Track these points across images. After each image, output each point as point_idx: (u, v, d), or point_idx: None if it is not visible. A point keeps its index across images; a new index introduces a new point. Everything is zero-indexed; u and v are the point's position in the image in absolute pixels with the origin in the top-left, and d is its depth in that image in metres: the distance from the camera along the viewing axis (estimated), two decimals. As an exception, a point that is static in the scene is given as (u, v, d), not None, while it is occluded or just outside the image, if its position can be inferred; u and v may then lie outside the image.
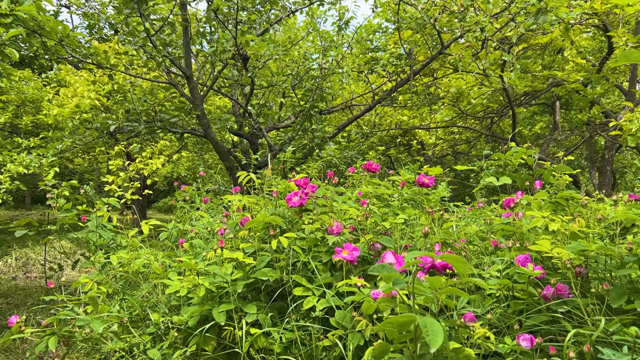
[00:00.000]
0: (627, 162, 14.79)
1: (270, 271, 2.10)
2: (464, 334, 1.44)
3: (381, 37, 8.67)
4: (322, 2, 6.51)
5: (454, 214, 3.01)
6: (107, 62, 6.50)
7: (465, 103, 10.20)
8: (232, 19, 5.48)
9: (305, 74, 6.63)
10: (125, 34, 5.24)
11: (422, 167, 2.83)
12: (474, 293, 1.83)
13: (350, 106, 8.75)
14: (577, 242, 1.78)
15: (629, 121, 4.60)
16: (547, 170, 2.66)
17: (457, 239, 2.18)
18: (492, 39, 5.51)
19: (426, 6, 5.62)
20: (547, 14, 4.60)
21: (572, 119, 11.26)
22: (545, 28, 4.82)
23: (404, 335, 1.33)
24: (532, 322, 1.60)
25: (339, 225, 2.15)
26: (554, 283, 1.59)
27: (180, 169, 14.87)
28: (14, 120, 8.32)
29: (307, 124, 6.34)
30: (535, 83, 8.38)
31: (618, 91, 10.52)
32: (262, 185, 2.77)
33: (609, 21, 7.41)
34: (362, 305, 1.60)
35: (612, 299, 1.56)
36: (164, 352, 2.01)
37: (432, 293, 1.31)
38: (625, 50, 1.48)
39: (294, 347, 1.90)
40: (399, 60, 7.26)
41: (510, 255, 1.82)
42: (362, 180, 2.88)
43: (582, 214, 2.24)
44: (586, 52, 9.04)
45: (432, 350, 1.07)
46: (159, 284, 2.43)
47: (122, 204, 5.58)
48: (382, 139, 11.58)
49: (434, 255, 1.39)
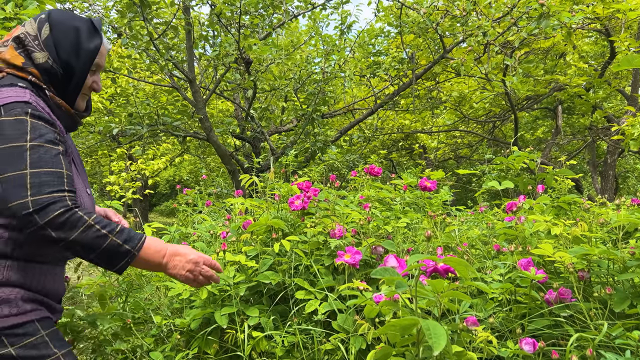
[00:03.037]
0: (629, 166, 14.78)
1: (273, 274, 2.10)
2: (466, 338, 1.44)
3: (383, 41, 8.69)
4: (325, 6, 6.53)
5: (456, 218, 3.01)
6: (110, 65, 6.52)
7: (467, 107, 10.21)
8: (234, 23, 5.50)
9: (308, 78, 6.64)
10: (129, 38, 5.26)
11: (424, 171, 2.84)
12: (477, 297, 1.83)
13: (352, 110, 8.77)
14: (580, 246, 1.78)
15: (632, 126, 4.60)
16: (550, 175, 2.66)
17: (460, 243, 2.18)
18: (495, 43, 5.53)
19: (428, 10, 5.63)
20: (550, 19, 4.61)
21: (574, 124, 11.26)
22: (548, 32, 4.83)
23: (406, 338, 1.33)
24: (534, 326, 1.60)
25: (341, 228, 2.15)
26: (556, 287, 1.59)
27: (183, 172, 14.90)
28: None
29: (309, 127, 6.35)
30: (537, 87, 8.39)
31: (620, 96, 10.51)
32: (264, 188, 2.78)
33: (611, 26, 7.42)
34: (364, 309, 1.60)
35: (614, 303, 1.56)
36: (166, 355, 2.01)
37: (434, 296, 1.32)
38: (628, 55, 1.48)
39: (296, 350, 1.90)
40: (401, 64, 7.27)
41: (512, 259, 1.82)
42: (364, 184, 2.88)
43: (585, 218, 2.24)
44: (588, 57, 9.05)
45: (435, 353, 1.07)
46: (161, 287, 2.43)
47: (124, 207, 5.59)
48: (384, 142, 11.59)
49: (436, 258, 1.40)
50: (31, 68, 1.39)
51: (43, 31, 1.41)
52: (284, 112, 8.15)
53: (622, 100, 10.71)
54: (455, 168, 12.38)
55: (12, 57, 1.39)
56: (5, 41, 1.43)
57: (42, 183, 1.22)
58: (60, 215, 1.21)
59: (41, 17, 1.43)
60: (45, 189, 1.22)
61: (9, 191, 1.22)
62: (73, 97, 1.47)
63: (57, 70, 1.41)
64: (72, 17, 1.47)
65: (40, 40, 1.41)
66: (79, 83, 1.46)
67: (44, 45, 1.41)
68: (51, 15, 1.44)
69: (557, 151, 11.96)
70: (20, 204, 1.20)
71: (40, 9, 3.94)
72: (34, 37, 1.41)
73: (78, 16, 1.50)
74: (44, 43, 1.41)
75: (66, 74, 1.43)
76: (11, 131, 1.24)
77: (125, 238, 1.29)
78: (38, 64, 1.40)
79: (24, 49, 1.40)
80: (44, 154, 1.26)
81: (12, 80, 1.35)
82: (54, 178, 1.25)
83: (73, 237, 1.23)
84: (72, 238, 1.23)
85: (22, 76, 1.38)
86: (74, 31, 1.44)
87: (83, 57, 1.44)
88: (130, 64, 7.17)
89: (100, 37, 1.48)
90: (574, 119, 11.05)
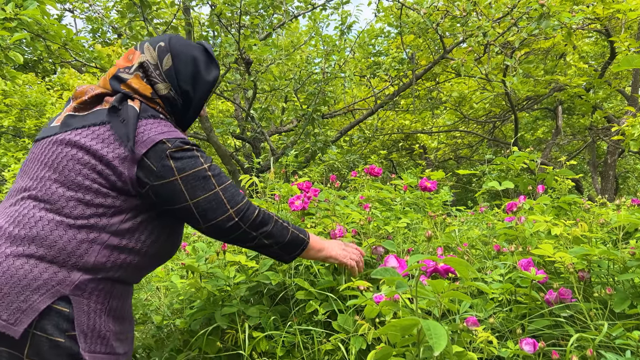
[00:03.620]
0: (629, 167, 14.79)
1: (273, 274, 2.10)
2: (466, 338, 1.44)
3: (383, 42, 8.69)
4: (325, 6, 6.54)
5: (457, 218, 3.01)
6: (111, 65, 6.52)
7: (467, 107, 10.21)
8: (235, 23, 5.50)
9: (308, 78, 6.64)
10: (129, 38, 5.26)
11: (424, 171, 2.84)
12: (477, 297, 1.83)
13: (352, 110, 8.77)
14: (580, 246, 1.78)
15: (632, 126, 4.60)
16: (550, 175, 2.66)
17: (460, 243, 2.18)
18: (495, 43, 5.53)
19: (428, 11, 5.63)
20: (550, 19, 4.61)
21: (574, 124, 11.26)
22: (548, 33, 4.83)
23: (406, 338, 1.33)
24: (534, 327, 1.60)
25: (341, 229, 2.15)
26: (556, 287, 1.59)
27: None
28: (17, 123, 8.36)
29: (310, 127, 6.35)
30: (537, 88, 8.39)
31: (620, 96, 10.51)
32: (264, 189, 2.78)
33: (611, 26, 7.43)
34: (364, 309, 1.60)
35: (615, 304, 1.56)
36: (167, 355, 2.01)
37: (434, 297, 1.32)
38: (628, 55, 1.48)
39: (296, 350, 1.90)
40: (401, 65, 7.27)
41: (512, 260, 1.82)
42: (365, 184, 2.88)
43: (585, 218, 2.24)
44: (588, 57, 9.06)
45: (436, 353, 1.07)
46: (161, 287, 2.43)
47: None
48: (384, 143, 11.60)
49: (436, 258, 1.39)
50: (157, 99, 1.41)
51: (165, 62, 1.41)
52: (284, 113, 8.16)
53: (622, 100, 10.71)
54: (455, 168, 12.39)
55: (140, 87, 1.38)
56: (127, 68, 1.40)
57: (233, 195, 1.37)
58: (257, 216, 1.40)
59: (160, 45, 1.42)
60: (238, 199, 1.38)
61: (209, 210, 1.34)
62: (188, 124, 1.53)
63: (177, 101, 1.44)
64: (189, 46, 1.46)
65: (161, 71, 1.40)
66: (196, 112, 1.49)
67: (165, 77, 1.41)
68: (171, 43, 1.43)
69: (558, 151, 11.97)
70: (226, 218, 1.35)
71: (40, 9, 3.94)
72: (154, 67, 1.40)
73: (193, 44, 1.49)
74: (165, 74, 1.41)
75: (184, 103, 1.46)
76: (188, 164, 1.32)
77: (298, 229, 1.50)
78: (161, 95, 1.41)
79: (147, 79, 1.40)
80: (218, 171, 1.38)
81: (153, 113, 1.37)
82: (234, 189, 1.39)
83: (269, 230, 1.43)
84: (269, 231, 1.42)
85: (152, 106, 1.40)
86: (193, 62, 1.44)
87: (202, 88, 1.46)
88: (131, 64, 7.15)
89: (217, 66, 1.50)
90: (574, 119, 11.05)
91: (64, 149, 1.31)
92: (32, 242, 1.23)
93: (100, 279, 1.27)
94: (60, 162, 1.30)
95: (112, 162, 1.26)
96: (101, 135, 1.30)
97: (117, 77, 1.39)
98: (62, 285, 1.20)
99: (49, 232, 1.23)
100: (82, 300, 1.23)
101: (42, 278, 1.20)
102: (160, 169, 1.28)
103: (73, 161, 1.28)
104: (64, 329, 1.20)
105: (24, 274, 1.19)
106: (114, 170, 1.26)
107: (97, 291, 1.27)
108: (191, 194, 1.31)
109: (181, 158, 1.30)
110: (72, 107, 1.39)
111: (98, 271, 1.26)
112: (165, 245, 1.41)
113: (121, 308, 1.36)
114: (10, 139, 8.89)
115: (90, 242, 1.25)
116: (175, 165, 1.29)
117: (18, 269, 1.20)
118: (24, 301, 1.17)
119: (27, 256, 1.21)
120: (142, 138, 1.28)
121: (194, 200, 1.32)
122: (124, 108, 1.33)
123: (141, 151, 1.27)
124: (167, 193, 1.30)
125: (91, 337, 1.23)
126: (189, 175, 1.31)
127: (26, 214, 1.26)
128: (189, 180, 1.31)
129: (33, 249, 1.22)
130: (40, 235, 1.23)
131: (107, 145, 1.28)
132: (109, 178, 1.26)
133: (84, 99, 1.37)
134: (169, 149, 1.29)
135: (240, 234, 1.38)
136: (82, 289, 1.23)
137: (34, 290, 1.18)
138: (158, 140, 1.28)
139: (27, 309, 1.17)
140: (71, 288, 1.21)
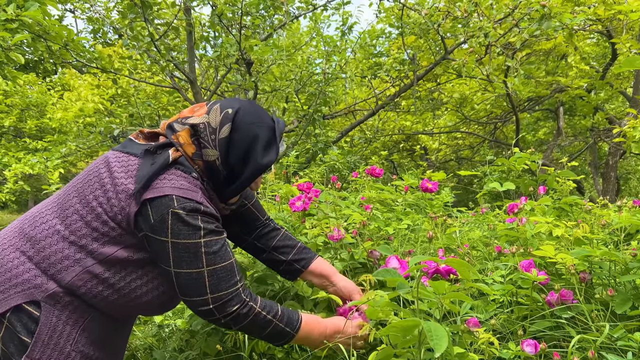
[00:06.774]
0: (631, 168, 14.78)
1: (273, 275, 2.09)
2: (467, 339, 1.44)
3: (384, 43, 8.69)
4: (326, 7, 6.54)
5: (458, 220, 3.00)
6: (111, 66, 6.53)
7: (468, 108, 10.21)
8: (236, 24, 5.51)
9: (309, 79, 6.64)
10: (130, 39, 5.27)
11: (425, 172, 2.83)
12: (478, 298, 1.83)
13: (353, 111, 8.77)
14: (581, 247, 1.77)
15: (633, 128, 4.59)
16: (551, 176, 2.65)
17: (461, 245, 2.18)
18: (496, 44, 5.52)
19: (430, 12, 5.63)
20: (551, 20, 4.60)
21: (575, 125, 11.25)
22: (549, 34, 4.83)
23: (407, 340, 1.32)
24: (536, 328, 1.59)
25: (339, 231, 2.14)
26: (558, 289, 1.58)
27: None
28: (18, 124, 8.36)
29: (310, 128, 6.35)
30: (538, 89, 8.38)
31: (622, 97, 10.51)
32: (265, 189, 2.77)
33: (613, 27, 7.42)
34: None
35: (616, 305, 1.55)
36: (167, 355, 2.01)
37: (436, 298, 1.31)
38: (629, 57, 1.48)
39: (295, 352, 1.90)
40: (402, 66, 7.27)
41: (514, 261, 1.81)
42: (366, 185, 2.88)
43: (586, 219, 2.23)
44: (590, 58, 9.05)
45: (437, 355, 1.07)
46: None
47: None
48: (385, 144, 11.58)
49: (438, 260, 1.39)
50: (199, 160, 1.34)
51: (223, 130, 1.34)
52: (285, 113, 8.15)
53: (623, 101, 10.70)
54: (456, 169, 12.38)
55: (185, 143, 1.34)
56: (185, 119, 1.37)
57: (220, 280, 1.28)
58: (236, 310, 1.30)
59: (228, 112, 1.36)
60: (223, 286, 1.28)
61: (187, 286, 1.27)
62: (228, 197, 1.43)
63: (221, 172, 1.36)
64: (256, 122, 1.38)
65: (216, 137, 1.34)
66: (238, 189, 1.40)
67: (218, 145, 1.34)
68: (238, 114, 1.36)
69: (559, 152, 11.95)
70: (201, 300, 1.27)
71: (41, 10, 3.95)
72: (212, 131, 1.34)
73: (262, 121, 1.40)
74: (219, 142, 1.34)
75: (228, 177, 1.38)
76: (184, 231, 1.24)
77: (286, 321, 1.38)
78: (206, 160, 1.34)
79: (197, 139, 1.34)
80: (216, 249, 1.28)
81: (187, 168, 1.32)
82: (227, 274, 1.29)
83: (244, 324, 1.33)
84: (242, 325, 1.33)
85: (191, 163, 1.34)
86: (252, 139, 1.36)
87: (251, 169, 1.37)
88: (132, 64, 7.17)
89: (276, 150, 1.40)
90: (575, 120, 11.05)
91: (100, 166, 1.33)
92: (29, 241, 1.27)
93: (77, 295, 1.26)
94: (89, 176, 1.33)
95: (120, 194, 1.26)
96: (130, 166, 1.30)
97: (171, 126, 1.38)
98: (37, 289, 1.23)
99: (44, 237, 1.26)
100: (53, 310, 1.23)
101: (23, 277, 1.24)
102: (157, 222, 1.23)
103: (96, 179, 1.30)
104: (32, 330, 1.22)
105: (11, 267, 1.25)
106: (119, 202, 1.25)
107: (73, 306, 1.26)
108: (176, 263, 1.25)
109: (181, 221, 1.23)
110: (136, 134, 1.42)
111: (72, 292, 1.25)
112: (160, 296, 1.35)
113: (104, 334, 1.33)
114: (11, 139, 8.90)
115: (74, 260, 1.24)
116: (171, 226, 1.23)
117: (9, 261, 1.26)
118: (2, 291, 1.23)
119: (21, 252, 1.26)
120: (156, 185, 1.25)
121: (175, 270, 1.26)
122: (162, 153, 1.31)
123: (146, 196, 1.23)
124: (156, 250, 1.27)
125: (47, 347, 1.22)
126: (179, 244, 1.24)
127: (42, 215, 1.32)
128: (177, 249, 1.24)
129: (27, 248, 1.27)
130: (37, 238, 1.27)
131: (127, 177, 1.27)
132: (113, 208, 1.26)
133: (144, 132, 1.41)
134: (173, 207, 1.23)
135: (213, 320, 1.32)
136: (55, 299, 1.24)
137: (13, 286, 1.23)
138: (167, 193, 1.23)
139: (3, 299, 1.23)
140: (44, 295, 1.23)
